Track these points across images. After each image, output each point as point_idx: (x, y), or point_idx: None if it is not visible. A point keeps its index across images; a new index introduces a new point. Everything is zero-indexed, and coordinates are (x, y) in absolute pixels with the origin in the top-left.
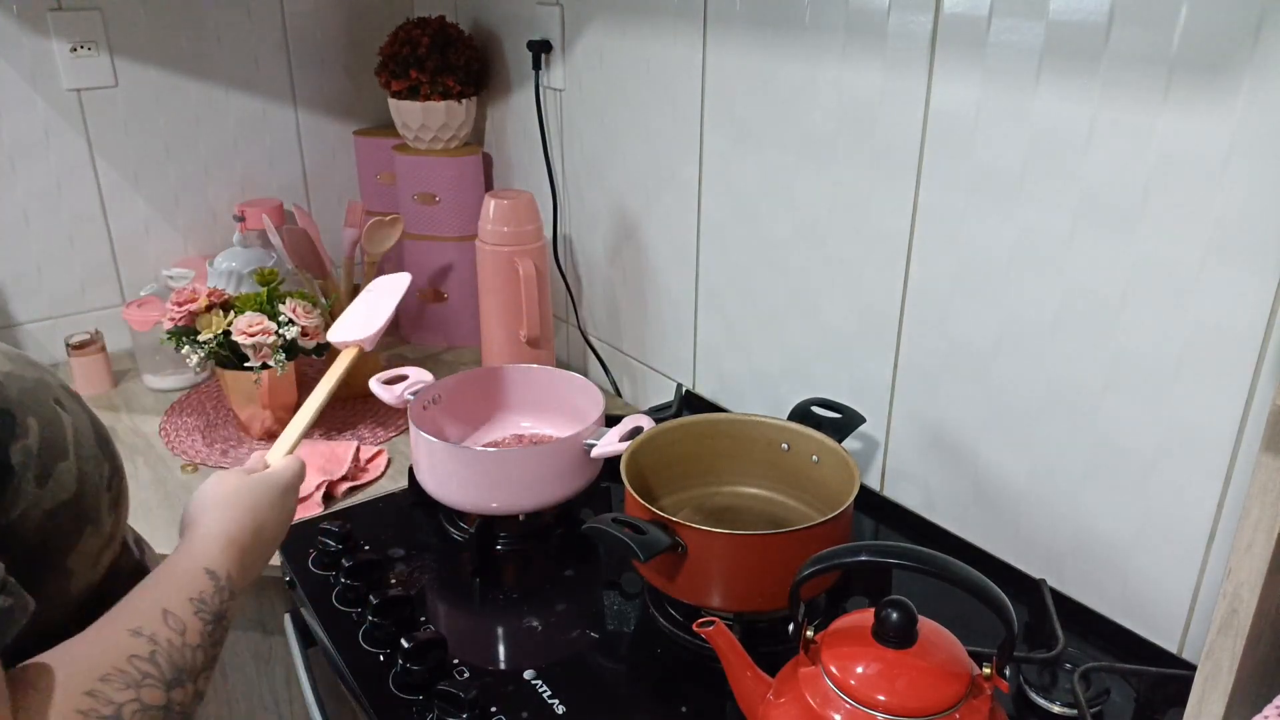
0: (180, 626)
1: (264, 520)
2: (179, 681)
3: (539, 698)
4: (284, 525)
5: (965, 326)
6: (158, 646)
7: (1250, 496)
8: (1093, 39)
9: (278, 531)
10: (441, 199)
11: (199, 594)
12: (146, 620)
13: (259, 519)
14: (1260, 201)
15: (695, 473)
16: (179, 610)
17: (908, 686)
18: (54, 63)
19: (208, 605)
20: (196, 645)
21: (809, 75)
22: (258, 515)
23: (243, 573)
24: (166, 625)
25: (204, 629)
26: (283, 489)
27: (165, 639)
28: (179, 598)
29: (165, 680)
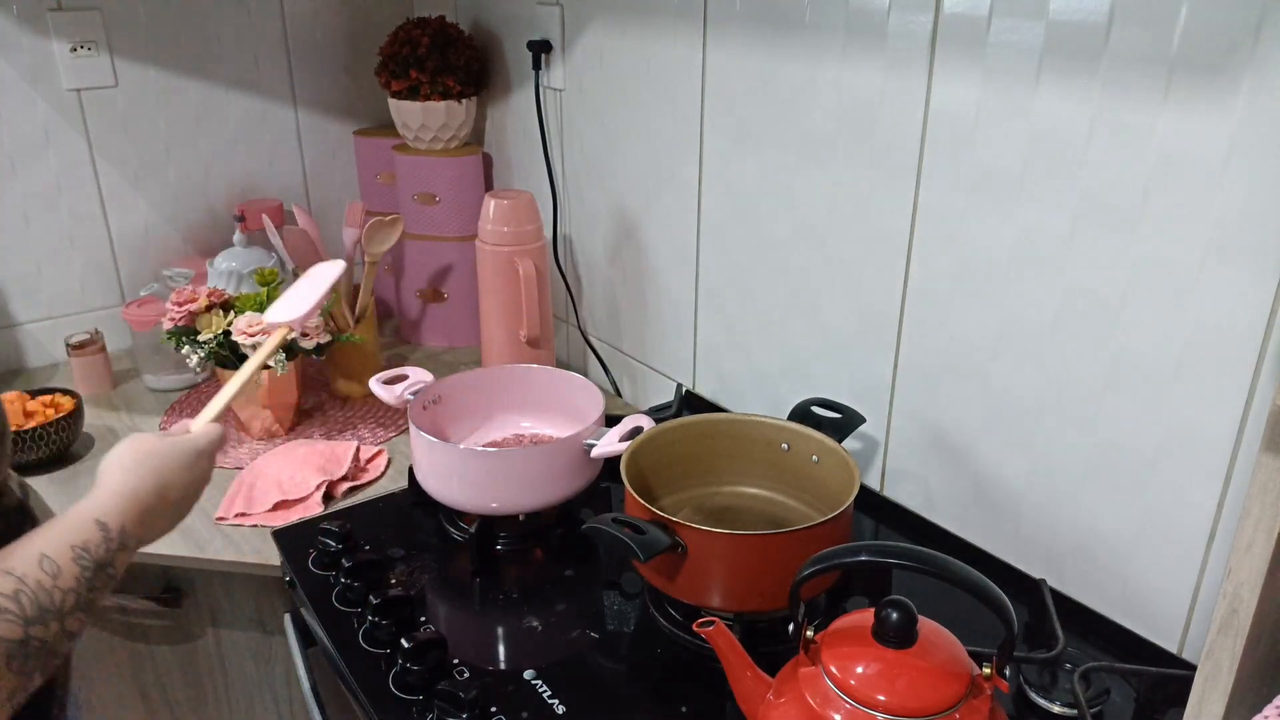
0: (54, 570)
1: (170, 480)
2: (41, 620)
3: (539, 698)
4: (194, 486)
5: (965, 326)
6: (24, 587)
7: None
8: (1093, 39)
9: (186, 492)
10: (441, 199)
11: (83, 543)
12: (21, 562)
13: (165, 479)
14: (1260, 201)
15: (695, 473)
16: (56, 555)
17: (908, 686)
18: (54, 63)
19: (90, 554)
20: (69, 589)
21: (809, 75)
22: (164, 475)
23: (142, 528)
24: (40, 569)
25: (80, 574)
26: (196, 452)
27: (35, 580)
28: (60, 544)
29: (25, 618)
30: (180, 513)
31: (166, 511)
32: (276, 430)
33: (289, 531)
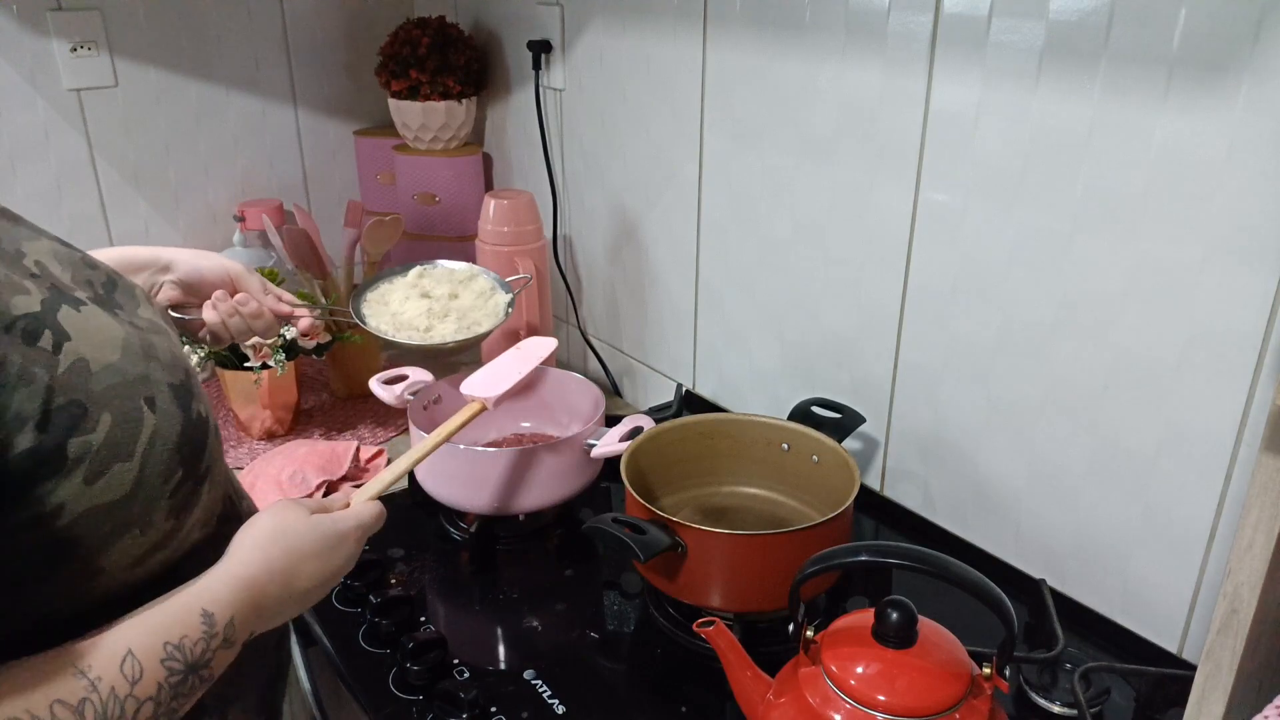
0: (135, 674)
1: (301, 568)
2: None
3: (539, 698)
4: (329, 577)
5: (965, 326)
6: (94, 695)
7: (1250, 496)
8: (1093, 39)
9: (317, 581)
10: (441, 199)
11: (179, 638)
12: (100, 659)
13: (294, 564)
14: (1260, 201)
15: (695, 473)
16: (144, 655)
17: (908, 686)
18: (54, 63)
19: (184, 653)
20: (147, 698)
21: (809, 75)
22: (294, 559)
23: (255, 620)
24: (120, 671)
25: (166, 679)
26: (339, 536)
27: (109, 685)
28: (152, 641)
29: None
30: (306, 603)
31: (288, 602)
32: (276, 430)
33: None
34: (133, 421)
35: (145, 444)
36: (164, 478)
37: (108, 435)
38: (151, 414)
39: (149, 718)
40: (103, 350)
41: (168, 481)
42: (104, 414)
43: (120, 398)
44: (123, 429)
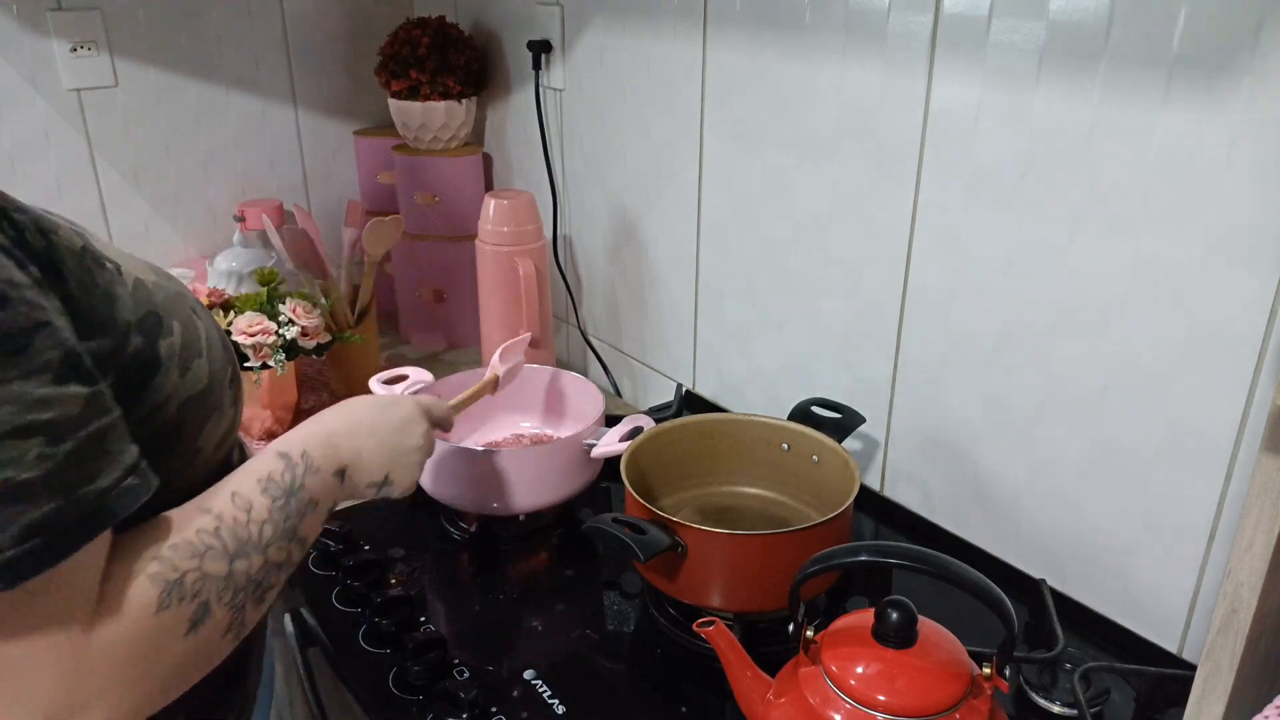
0: (245, 505)
1: (357, 414)
2: (243, 553)
3: (539, 698)
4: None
5: (965, 326)
6: (222, 522)
7: (1250, 496)
8: (1093, 39)
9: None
10: (441, 199)
11: (266, 475)
12: (216, 500)
13: (351, 411)
14: (1260, 201)
15: (695, 473)
16: (245, 490)
17: (908, 686)
18: (54, 63)
19: (276, 483)
20: (263, 520)
21: (809, 75)
22: (356, 410)
23: (331, 451)
24: (232, 504)
25: (271, 505)
26: (395, 398)
27: (230, 517)
28: (248, 481)
29: (228, 552)
30: (385, 439)
31: (360, 439)
32: (276, 430)
33: None
34: (192, 326)
35: (205, 343)
36: (223, 369)
37: (182, 337)
38: (198, 320)
39: (272, 536)
40: (145, 273)
41: (224, 372)
42: (173, 320)
43: (177, 307)
44: (188, 331)
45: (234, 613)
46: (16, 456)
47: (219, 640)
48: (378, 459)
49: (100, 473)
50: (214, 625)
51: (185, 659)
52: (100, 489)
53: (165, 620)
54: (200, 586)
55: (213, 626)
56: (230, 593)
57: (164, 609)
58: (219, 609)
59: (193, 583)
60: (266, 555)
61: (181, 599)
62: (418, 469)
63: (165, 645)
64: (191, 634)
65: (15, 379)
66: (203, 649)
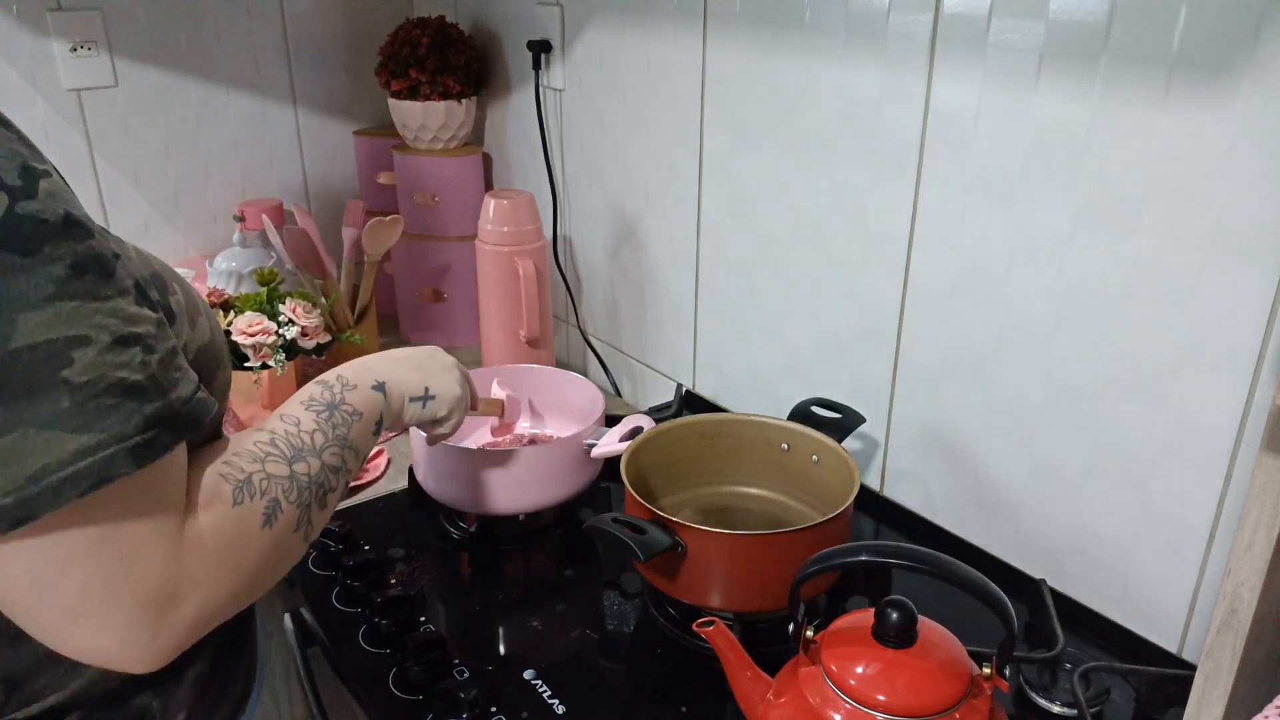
0: (294, 420)
1: (391, 354)
2: (299, 458)
3: (539, 698)
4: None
5: (965, 326)
6: (275, 434)
7: (1250, 496)
8: (1093, 39)
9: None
10: (441, 199)
11: (308, 398)
12: (268, 422)
13: (385, 355)
14: (1260, 201)
15: (695, 473)
16: (291, 410)
17: (908, 686)
18: (54, 63)
19: (317, 400)
20: (312, 430)
21: (809, 75)
22: (390, 353)
23: (365, 371)
24: (281, 422)
25: (316, 417)
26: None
27: (282, 430)
28: (292, 405)
29: (286, 457)
30: (417, 363)
31: (391, 362)
32: None
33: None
34: (187, 288)
35: (202, 304)
36: (216, 331)
37: (185, 296)
38: (188, 285)
39: (324, 443)
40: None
41: (217, 331)
42: (174, 282)
43: (170, 275)
44: (187, 293)
45: (301, 510)
46: (126, 360)
47: (291, 537)
48: (413, 375)
49: (179, 384)
50: (285, 521)
51: (266, 552)
52: (183, 397)
53: (244, 513)
54: (267, 485)
55: (285, 523)
56: (295, 492)
57: (239, 503)
58: (287, 506)
59: (259, 481)
60: (322, 459)
61: (253, 495)
62: (457, 386)
63: (247, 536)
64: (268, 527)
65: (114, 295)
66: (280, 544)
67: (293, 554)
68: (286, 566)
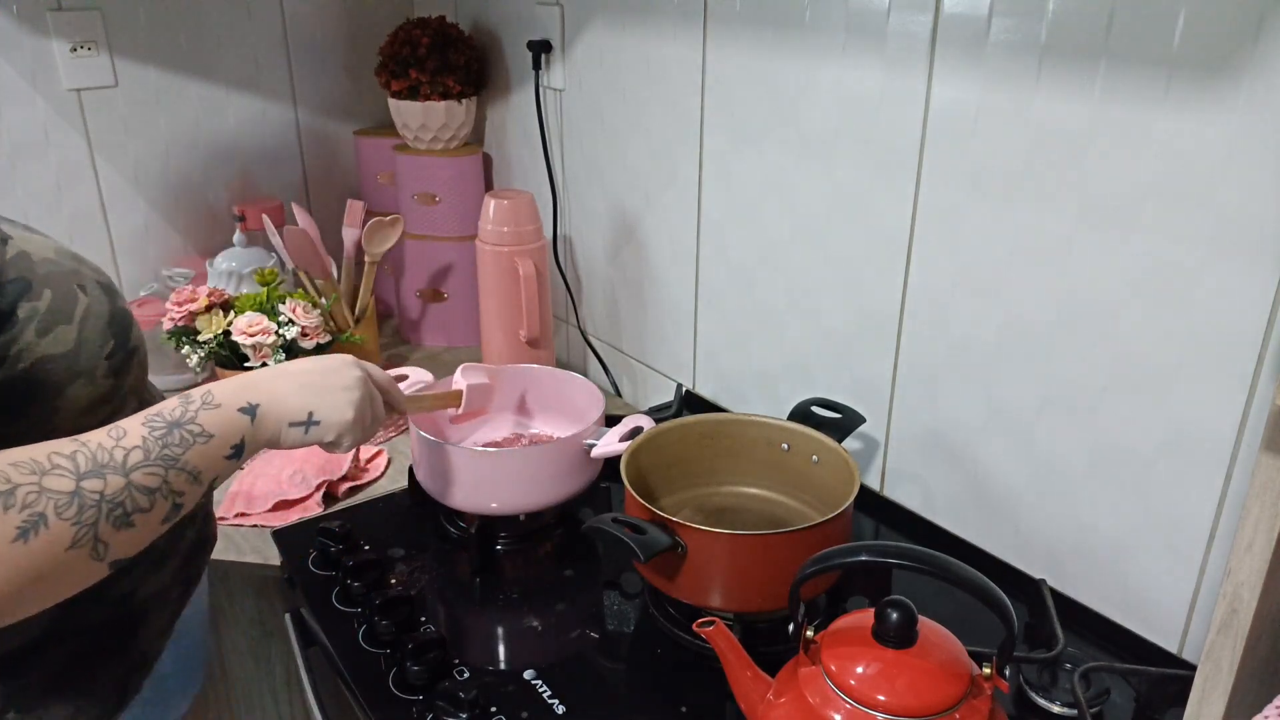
0: (119, 434)
1: (287, 366)
2: (96, 474)
3: (539, 698)
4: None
5: (965, 326)
6: (83, 447)
7: (1250, 496)
8: (1093, 39)
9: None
10: (441, 199)
11: (156, 412)
12: (92, 433)
13: (282, 366)
14: (1260, 201)
15: (695, 473)
16: (127, 424)
17: (908, 686)
18: (54, 63)
19: (163, 416)
20: (133, 446)
21: (809, 75)
22: (287, 364)
23: (239, 390)
24: (107, 434)
25: (148, 434)
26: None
27: (97, 442)
28: (136, 416)
29: (76, 472)
30: (310, 382)
31: (280, 380)
32: None
33: (289, 531)
34: (69, 297)
35: (81, 315)
36: (100, 344)
37: (50, 304)
38: (84, 295)
39: (140, 461)
40: (41, 250)
41: (103, 347)
42: (45, 290)
43: (58, 281)
44: (62, 301)
45: (81, 529)
46: None
47: (64, 554)
48: (298, 397)
49: None
50: (52, 538)
51: (21, 565)
52: None
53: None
54: (35, 499)
55: (50, 539)
56: (74, 508)
57: None
58: (58, 522)
59: (25, 495)
60: (129, 478)
61: (9, 507)
62: (349, 409)
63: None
64: (20, 541)
65: None
66: (40, 560)
67: (74, 572)
68: (68, 585)
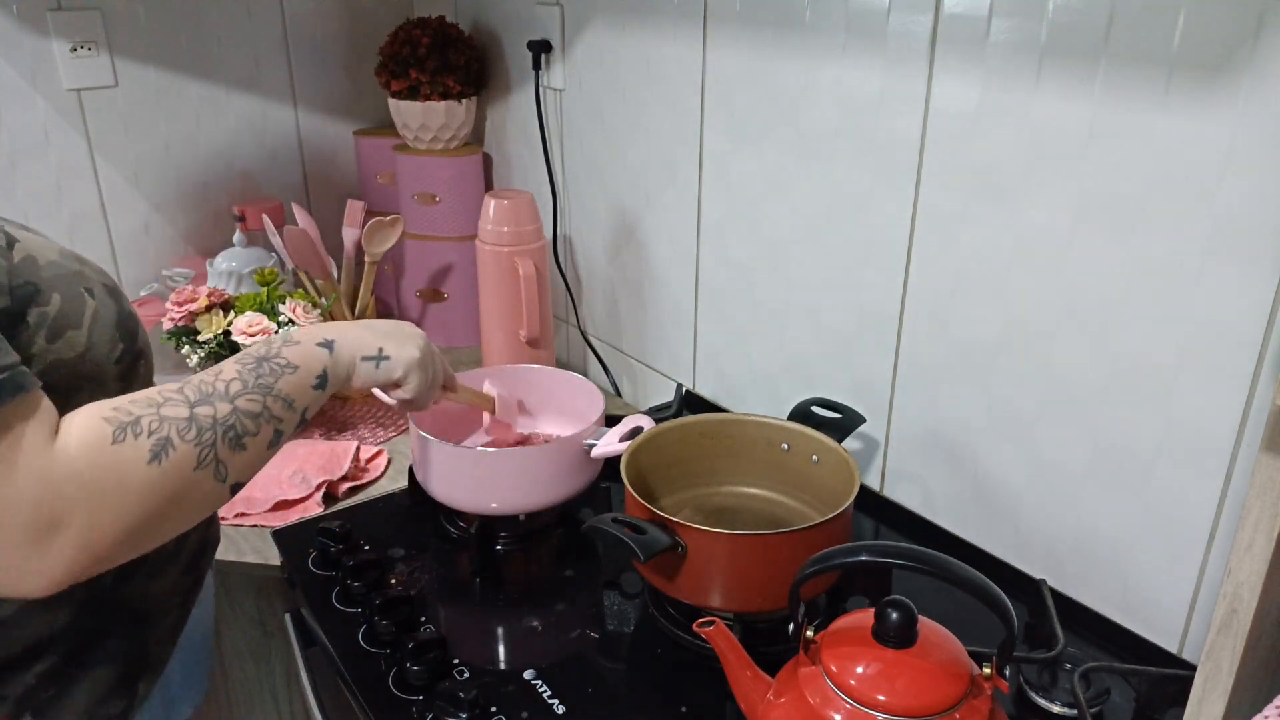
0: (216, 371)
1: (358, 321)
2: (205, 401)
3: (539, 698)
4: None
5: (965, 326)
6: (188, 383)
7: (1250, 496)
8: (1093, 39)
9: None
10: (441, 199)
11: (244, 353)
12: (195, 374)
13: (353, 322)
14: (1260, 201)
15: (695, 473)
16: (220, 365)
17: (908, 686)
18: (54, 63)
19: (249, 354)
20: (231, 378)
21: (809, 75)
22: (354, 322)
23: (316, 332)
24: (204, 373)
25: (241, 368)
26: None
27: (197, 380)
28: (227, 360)
29: (189, 401)
30: (377, 327)
31: (351, 328)
32: None
33: (289, 531)
34: (78, 300)
35: (90, 319)
36: (109, 348)
37: (59, 309)
38: (91, 299)
39: (240, 390)
40: (44, 252)
41: (112, 351)
42: (54, 294)
43: (64, 284)
44: (70, 305)
45: (202, 449)
46: None
47: (193, 475)
48: (367, 335)
49: None
50: (180, 459)
51: (156, 486)
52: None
53: (124, 449)
54: (158, 425)
55: (178, 460)
56: (194, 431)
57: (119, 441)
58: (182, 444)
59: (148, 422)
60: (235, 404)
61: (138, 434)
62: (415, 350)
63: (130, 469)
64: (155, 463)
65: None
66: (174, 480)
67: (202, 493)
68: (199, 506)
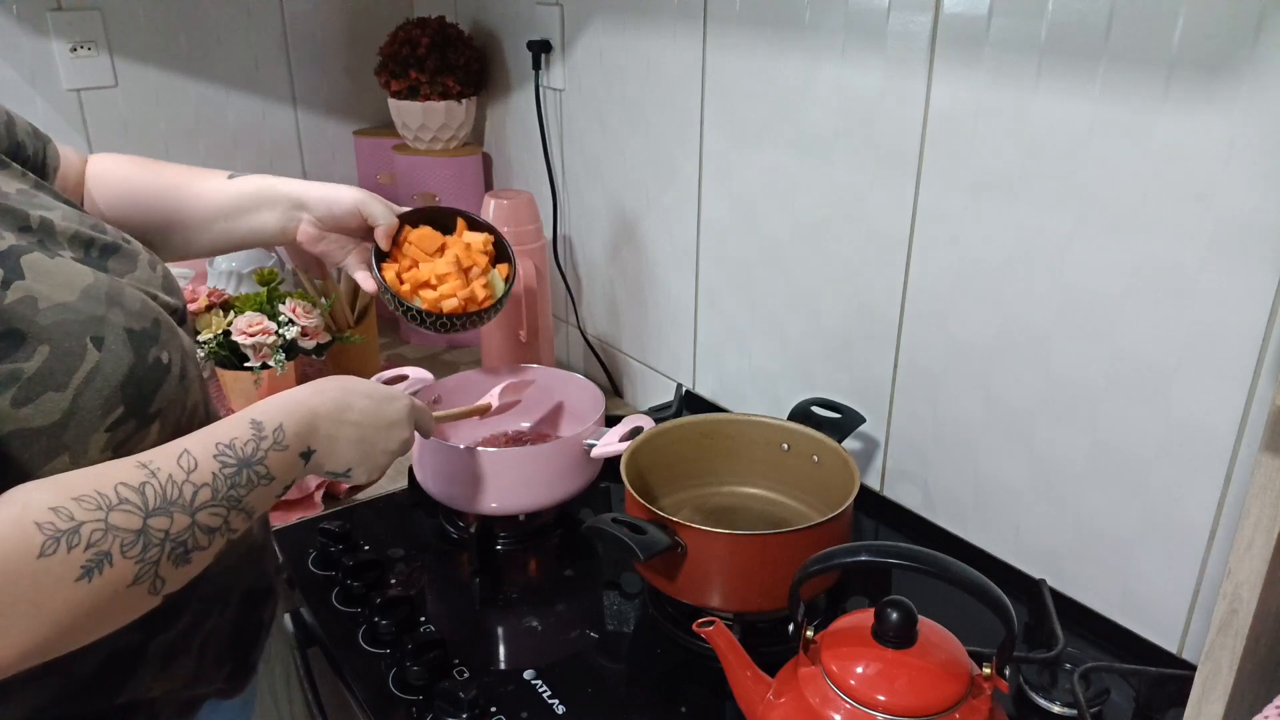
0: (190, 465)
1: (352, 400)
2: (163, 512)
3: (539, 698)
4: (379, 417)
5: (965, 326)
6: (152, 479)
7: (1250, 496)
8: (1093, 39)
9: (369, 418)
10: (441, 199)
11: (230, 440)
12: (161, 455)
13: (346, 395)
14: (1260, 201)
15: (695, 473)
16: (198, 451)
17: (908, 686)
18: (54, 63)
19: (235, 450)
20: (203, 484)
21: (809, 75)
22: (347, 392)
23: (309, 431)
24: (176, 463)
25: (220, 470)
26: (392, 393)
27: (167, 474)
28: (205, 441)
29: (144, 509)
30: (364, 440)
31: (343, 426)
32: None
33: (289, 531)
34: (72, 356)
35: (82, 378)
36: (102, 413)
37: (42, 365)
38: (96, 351)
39: (207, 501)
40: (57, 291)
41: (106, 416)
42: (42, 346)
43: (64, 333)
44: (60, 361)
45: (143, 566)
46: None
47: (127, 591)
48: (349, 452)
49: None
50: (115, 576)
51: (76, 604)
52: None
53: (51, 565)
54: (100, 538)
55: (113, 577)
56: (139, 547)
57: (46, 555)
58: (122, 561)
59: (90, 532)
60: (195, 518)
61: (73, 547)
62: (380, 472)
63: (49, 588)
64: (84, 580)
65: None
66: (104, 598)
67: (130, 605)
68: (123, 617)
